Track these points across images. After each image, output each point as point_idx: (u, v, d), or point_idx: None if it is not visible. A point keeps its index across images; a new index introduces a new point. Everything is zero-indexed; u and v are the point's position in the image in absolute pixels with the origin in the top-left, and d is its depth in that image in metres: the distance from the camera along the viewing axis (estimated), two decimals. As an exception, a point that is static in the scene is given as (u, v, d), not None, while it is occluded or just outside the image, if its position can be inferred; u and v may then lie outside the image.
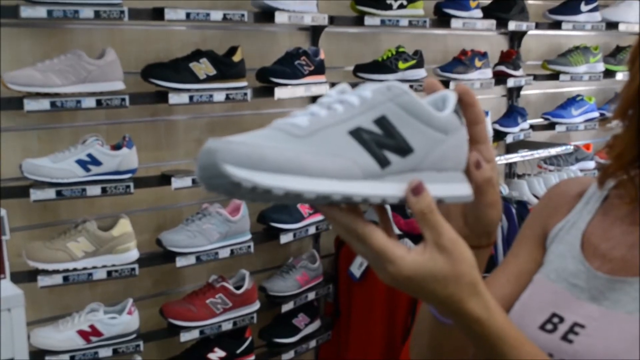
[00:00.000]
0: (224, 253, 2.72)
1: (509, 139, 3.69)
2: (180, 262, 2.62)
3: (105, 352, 2.47)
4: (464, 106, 0.81)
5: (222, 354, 2.79)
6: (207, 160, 0.64)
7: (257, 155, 0.65)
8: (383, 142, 0.72)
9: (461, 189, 0.80)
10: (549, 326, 1.03)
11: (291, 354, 3.02)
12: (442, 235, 0.75)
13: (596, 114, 4.03)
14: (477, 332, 0.81)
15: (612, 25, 3.92)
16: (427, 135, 0.75)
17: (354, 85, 0.78)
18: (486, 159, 0.82)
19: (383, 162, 0.72)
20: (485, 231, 0.86)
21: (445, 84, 3.30)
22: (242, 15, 2.64)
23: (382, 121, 0.73)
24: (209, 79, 2.62)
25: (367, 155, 0.71)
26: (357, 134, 0.71)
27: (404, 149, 0.74)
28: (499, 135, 3.68)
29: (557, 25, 3.79)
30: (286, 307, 2.97)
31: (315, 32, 3.11)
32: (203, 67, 2.60)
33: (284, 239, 2.89)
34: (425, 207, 0.74)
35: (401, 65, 3.20)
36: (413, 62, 3.24)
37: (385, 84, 0.74)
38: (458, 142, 0.79)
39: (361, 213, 0.74)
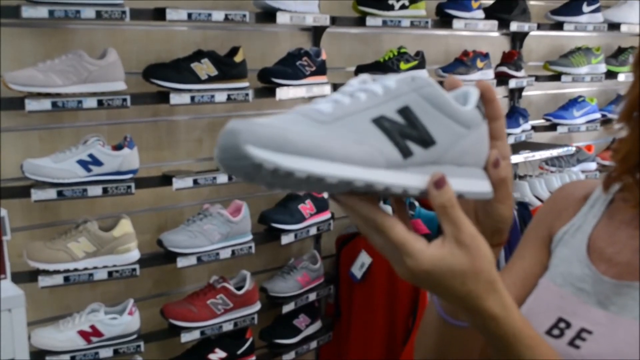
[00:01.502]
0: (225, 254, 2.72)
1: (511, 140, 3.69)
2: (181, 262, 2.62)
3: (106, 352, 2.46)
4: (485, 102, 0.81)
5: (222, 354, 2.79)
6: (229, 141, 0.62)
7: (280, 137, 0.64)
8: (406, 132, 0.72)
9: (481, 186, 0.79)
10: (556, 331, 1.03)
11: (292, 354, 3.01)
12: (462, 231, 0.74)
13: (598, 115, 4.03)
14: (493, 331, 0.80)
15: (614, 26, 3.92)
16: (450, 129, 0.75)
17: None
18: (502, 155, 0.82)
19: (405, 152, 0.71)
20: (496, 229, 0.85)
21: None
22: (244, 15, 2.64)
23: (405, 111, 0.72)
24: (211, 79, 2.61)
25: (390, 145, 0.71)
26: (380, 122, 0.70)
27: (426, 141, 0.73)
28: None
29: (559, 26, 3.78)
30: (287, 308, 2.96)
31: (316, 32, 3.10)
32: (204, 68, 2.60)
33: (285, 239, 2.89)
34: (446, 201, 0.73)
35: (403, 66, 3.19)
36: (415, 62, 3.24)
37: (410, 74, 0.74)
38: (480, 137, 0.79)
39: (379, 204, 0.73)
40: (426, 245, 0.74)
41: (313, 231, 3.01)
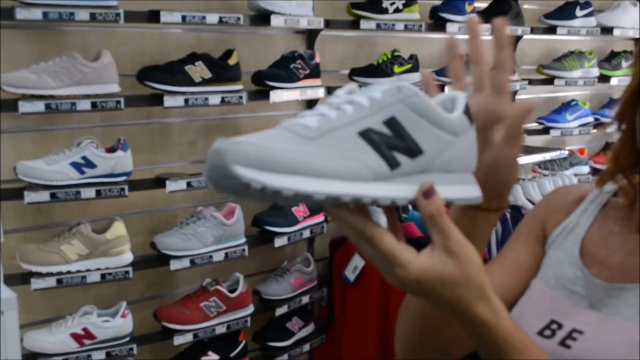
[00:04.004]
0: (218, 256, 2.72)
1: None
2: (174, 265, 2.61)
3: (99, 355, 2.46)
4: (496, 44, 0.82)
5: (215, 357, 2.78)
6: (216, 161, 0.64)
7: (266, 156, 0.65)
8: (393, 143, 0.72)
9: (470, 191, 0.80)
10: (547, 332, 1.03)
11: (285, 357, 3.01)
12: (450, 239, 0.75)
13: (591, 119, 4.04)
14: (484, 336, 0.81)
15: (606, 31, 3.93)
16: (437, 137, 0.75)
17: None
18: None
19: (393, 164, 0.72)
20: (498, 192, 0.86)
21: (441, 88, 3.29)
22: (238, 18, 2.64)
23: (391, 122, 0.73)
24: (205, 82, 2.61)
25: (377, 157, 0.71)
26: (367, 135, 0.71)
27: (413, 151, 0.74)
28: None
29: (552, 30, 3.79)
30: (280, 311, 2.96)
31: (311, 35, 3.11)
32: (198, 70, 2.60)
33: (278, 242, 2.89)
34: (434, 211, 0.74)
35: (396, 69, 3.20)
36: (408, 66, 3.24)
37: (396, 85, 0.74)
38: (467, 143, 0.79)
39: (369, 215, 0.74)
40: (415, 255, 0.75)
41: (306, 234, 3.01)
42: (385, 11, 3.10)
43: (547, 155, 3.75)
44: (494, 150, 0.89)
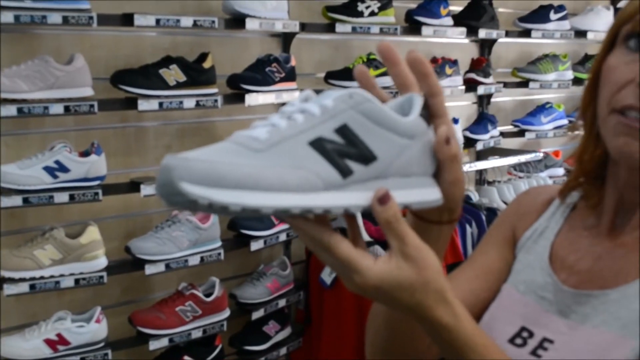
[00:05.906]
0: (194, 260, 2.71)
1: (479, 146, 3.72)
2: (149, 269, 2.60)
3: (73, 361, 2.44)
4: (419, 78, 0.81)
5: (191, 362, 2.77)
6: (165, 177, 0.64)
7: (213, 172, 0.65)
8: (345, 151, 0.72)
9: (429, 194, 0.79)
10: (519, 340, 1.03)
11: (262, 361, 3.01)
12: (407, 244, 0.75)
13: (565, 121, 4.08)
14: (446, 339, 0.81)
15: (580, 34, 3.98)
16: (392, 142, 0.75)
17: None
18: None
19: (345, 172, 0.71)
20: (447, 207, 0.85)
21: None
22: (213, 21, 2.63)
23: (343, 130, 0.72)
24: (179, 85, 2.60)
25: (328, 166, 0.70)
26: (318, 144, 0.70)
27: (367, 157, 0.73)
28: (469, 142, 3.70)
29: (526, 33, 3.83)
30: (256, 315, 2.96)
31: (286, 38, 3.11)
32: (173, 74, 2.59)
33: (255, 246, 2.88)
34: (390, 216, 0.74)
35: (372, 72, 3.19)
36: (384, 69, 3.24)
37: (348, 91, 0.73)
38: (425, 146, 0.78)
39: (328, 222, 0.74)
40: (373, 261, 0.74)
41: (283, 237, 3.00)
42: (360, 14, 3.11)
43: (522, 158, 3.78)
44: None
